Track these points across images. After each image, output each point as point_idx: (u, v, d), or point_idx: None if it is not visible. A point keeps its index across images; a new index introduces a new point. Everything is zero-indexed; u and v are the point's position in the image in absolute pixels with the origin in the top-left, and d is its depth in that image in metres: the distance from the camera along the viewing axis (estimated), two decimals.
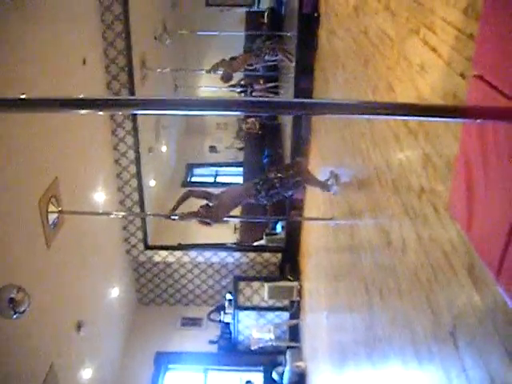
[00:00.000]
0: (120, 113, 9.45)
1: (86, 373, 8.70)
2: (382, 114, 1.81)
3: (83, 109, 1.54)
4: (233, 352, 11.53)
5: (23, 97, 1.49)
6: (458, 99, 2.65)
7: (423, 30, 3.25)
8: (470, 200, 2.15)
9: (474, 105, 2.09)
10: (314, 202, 8.79)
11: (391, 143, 3.93)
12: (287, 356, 10.26)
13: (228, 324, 11.56)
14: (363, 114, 1.78)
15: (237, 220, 13.66)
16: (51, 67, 7.07)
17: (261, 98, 1.61)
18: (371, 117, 2.60)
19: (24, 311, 5.43)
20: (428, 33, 3.16)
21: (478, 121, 1.87)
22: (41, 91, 6.49)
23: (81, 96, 1.49)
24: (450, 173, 2.66)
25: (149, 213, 11.76)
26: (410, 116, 1.99)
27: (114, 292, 10.62)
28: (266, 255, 12.03)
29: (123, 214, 10.57)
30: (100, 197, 9.56)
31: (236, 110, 1.54)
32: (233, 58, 11.89)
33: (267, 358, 11.03)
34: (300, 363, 9.85)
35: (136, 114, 10.21)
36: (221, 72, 11.39)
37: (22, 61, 6.21)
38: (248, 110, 1.56)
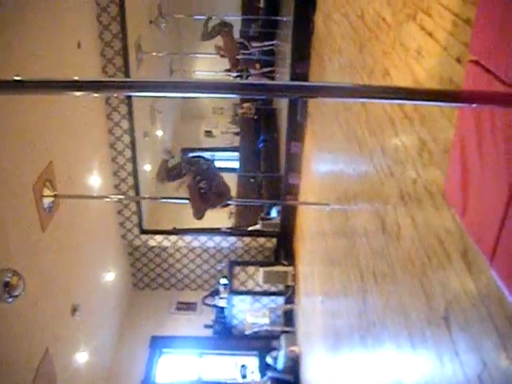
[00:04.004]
0: (116, 95, 9.40)
1: (81, 356, 8.72)
2: (378, 98, 1.81)
3: (79, 90, 1.54)
4: (227, 336, 11.59)
5: (18, 78, 1.48)
6: (454, 84, 2.65)
7: (420, 14, 3.24)
8: (465, 185, 2.16)
9: (469, 89, 2.09)
10: (310, 186, 8.80)
11: (387, 128, 3.93)
12: (282, 340, 10.30)
13: (223, 308, 11.59)
14: (359, 97, 1.78)
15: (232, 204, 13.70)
16: (45, 51, 7.02)
17: (256, 81, 1.61)
18: (367, 100, 2.60)
19: (19, 295, 5.44)
20: (425, 17, 3.15)
21: (474, 105, 1.87)
22: (34, 76, 6.45)
23: (76, 78, 1.48)
24: (446, 158, 2.66)
25: (145, 196, 11.76)
26: (407, 100, 1.99)
27: (109, 276, 10.62)
28: (261, 240, 12.05)
29: (119, 197, 10.56)
30: (95, 181, 9.54)
31: (232, 93, 1.54)
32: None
33: (262, 343, 11.08)
34: (294, 348, 9.89)
35: (131, 98, 10.18)
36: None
37: (15, 45, 6.16)
38: (244, 93, 1.56)
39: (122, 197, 10.87)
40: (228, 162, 16.67)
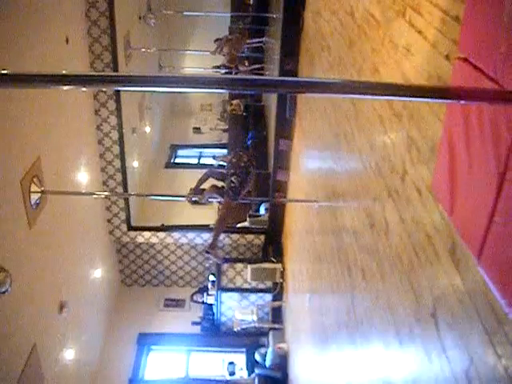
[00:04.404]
0: (104, 89, 9.37)
1: (69, 353, 8.69)
2: (366, 94, 1.80)
3: (67, 84, 1.52)
4: (215, 333, 11.57)
5: (4, 72, 1.46)
6: (442, 81, 2.66)
7: (409, 11, 3.24)
8: (453, 182, 2.16)
9: (458, 86, 2.09)
10: (298, 183, 8.81)
11: (375, 125, 3.94)
12: (270, 337, 10.31)
13: (211, 305, 11.58)
14: (348, 93, 1.77)
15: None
16: (33, 46, 6.97)
17: (245, 76, 1.60)
18: (356, 96, 2.61)
19: (6, 291, 5.41)
20: (414, 15, 3.15)
21: (462, 102, 1.88)
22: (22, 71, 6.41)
23: (64, 72, 1.47)
24: (434, 155, 2.67)
25: (132, 193, 11.72)
26: (395, 96, 1.99)
27: (97, 273, 10.59)
28: (250, 237, 12.04)
29: (107, 193, 10.53)
30: (83, 177, 9.51)
31: (221, 88, 1.53)
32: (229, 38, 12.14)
33: (250, 340, 11.08)
34: (282, 345, 9.90)
35: (120, 94, 10.14)
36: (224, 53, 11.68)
37: (2, 40, 6.11)
38: (233, 88, 1.55)
39: (109, 193, 10.83)
40: None
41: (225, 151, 15.95)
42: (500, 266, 1.85)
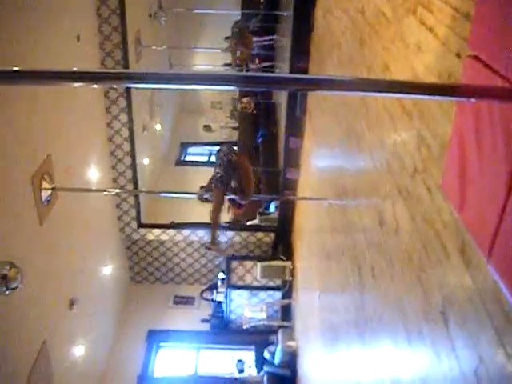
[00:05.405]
0: (114, 86, 9.40)
1: (79, 350, 8.72)
2: (377, 92, 1.80)
3: (77, 81, 1.53)
4: (225, 331, 11.59)
5: (16, 69, 1.47)
6: (453, 79, 2.65)
7: (420, 9, 3.23)
8: (463, 180, 2.15)
9: (468, 83, 2.08)
10: (308, 181, 8.80)
11: (386, 123, 3.93)
12: (279, 335, 10.31)
13: (220, 303, 11.60)
14: (358, 91, 1.77)
15: None
16: (44, 44, 7.00)
17: (255, 73, 1.60)
18: (366, 94, 2.60)
19: (16, 287, 5.43)
20: (425, 12, 3.14)
21: (473, 100, 1.87)
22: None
23: (74, 69, 1.48)
24: (444, 153, 2.66)
25: (143, 190, 11.75)
26: (405, 94, 1.98)
27: (107, 270, 10.62)
28: (259, 235, 12.04)
29: (117, 190, 10.55)
30: (93, 174, 9.54)
31: (231, 85, 1.53)
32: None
33: (259, 337, 11.08)
34: (291, 343, 9.90)
35: (130, 92, 10.17)
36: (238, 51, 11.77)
37: (14, 38, 6.14)
38: (243, 85, 1.55)
39: (119, 190, 10.87)
40: None
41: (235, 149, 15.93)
42: (510, 264, 1.85)
